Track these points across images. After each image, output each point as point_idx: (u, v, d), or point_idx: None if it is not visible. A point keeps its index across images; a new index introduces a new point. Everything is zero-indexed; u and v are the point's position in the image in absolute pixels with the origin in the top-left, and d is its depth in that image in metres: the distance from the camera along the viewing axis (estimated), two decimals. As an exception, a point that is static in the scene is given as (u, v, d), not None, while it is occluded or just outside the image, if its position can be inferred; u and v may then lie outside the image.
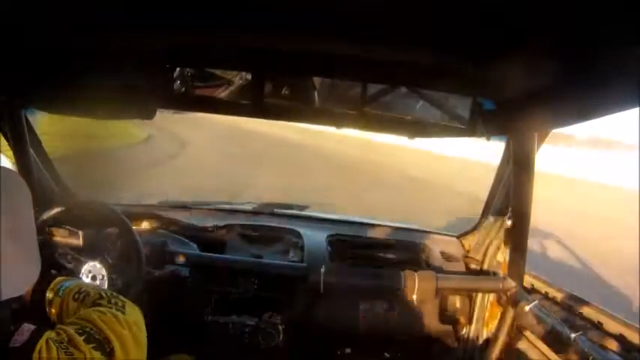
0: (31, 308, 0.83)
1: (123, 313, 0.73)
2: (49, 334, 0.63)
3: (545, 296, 1.34)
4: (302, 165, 8.71)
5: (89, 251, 1.20)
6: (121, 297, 0.78)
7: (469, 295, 1.56)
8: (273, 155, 9.21)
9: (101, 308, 0.72)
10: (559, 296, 1.29)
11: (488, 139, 1.38)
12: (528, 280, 1.42)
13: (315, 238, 1.67)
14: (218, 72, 1.29)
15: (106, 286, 1.17)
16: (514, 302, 1.40)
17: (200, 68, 1.30)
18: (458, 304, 1.56)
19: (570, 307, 1.23)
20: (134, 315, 0.75)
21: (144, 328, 0.74)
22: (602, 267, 4.53)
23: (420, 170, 9.67)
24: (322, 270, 1.43)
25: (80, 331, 0.65)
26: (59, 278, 0.88)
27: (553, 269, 4.00)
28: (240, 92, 1.29)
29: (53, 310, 0.83)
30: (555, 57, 0.87)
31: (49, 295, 0.84)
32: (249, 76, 1.27)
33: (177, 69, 1.29)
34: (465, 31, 0.82)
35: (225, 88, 1.30)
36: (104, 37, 0.98)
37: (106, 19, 0.86)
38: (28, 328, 0.61)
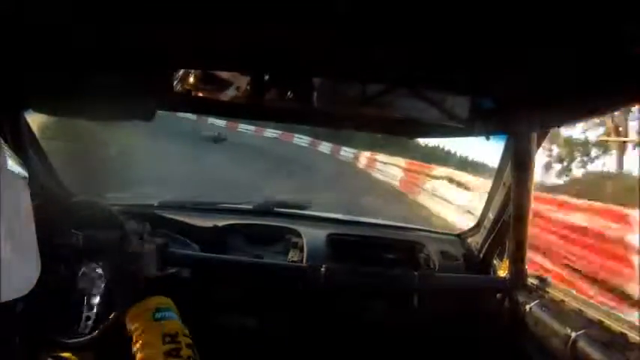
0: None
1: None
2: None
3: (546, 295, 1.34)
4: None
5: (88, 252, 1.20)
6: None
7: (469, 295, 1.56)
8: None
9: None
10: (559, 295, 1.30)
11: (487, 138, 1.38)
12: (529, 280, 1.42)
13: (316, 237, 1.67)
14: (218, 73, 1.29)
15: (103, 287, 1.17)
16: (514, 302, 1.40)
17: (200, 69, 1.30)
18: (458, 304, 1.56)
19: (571, 306, 1.23)
20: None
21: None
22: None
23: None
24: (322, 270, 1.43)
25: None
26: (163, 300, 0.89)
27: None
28: (240, 94, 1.29)
29: (135, 327, 0.88)
30: (555, 57, 0.87)
31: (145, 315, 0.87)
32: (249, 77, 1.27)
33: (177, 69, 1.28)
34: (465, 30, 0.81)
35: (225, 90, 1.30)
36: (104, 37, 0.98)
37: (106, 19, 0.86)
38: None
